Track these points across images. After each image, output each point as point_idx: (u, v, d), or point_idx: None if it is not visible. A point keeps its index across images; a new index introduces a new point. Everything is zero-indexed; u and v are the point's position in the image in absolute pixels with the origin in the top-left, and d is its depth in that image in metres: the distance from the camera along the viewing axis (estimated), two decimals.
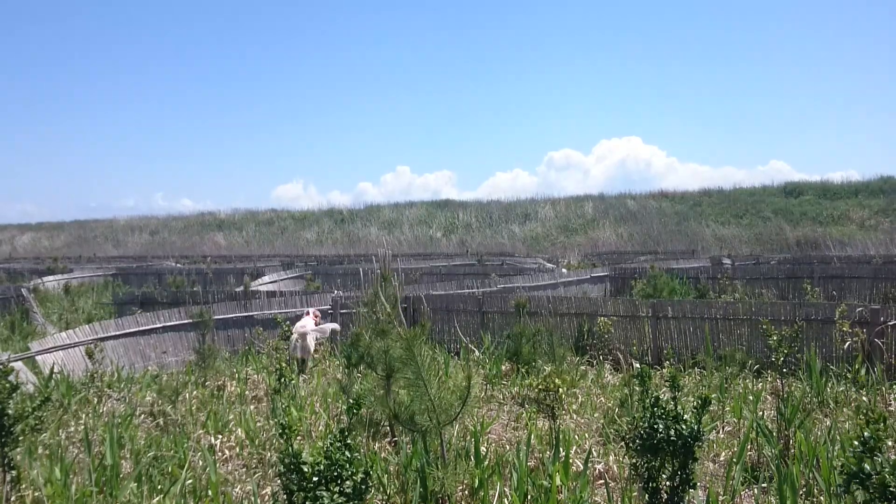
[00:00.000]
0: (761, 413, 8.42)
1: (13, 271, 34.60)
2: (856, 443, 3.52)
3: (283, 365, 7.72)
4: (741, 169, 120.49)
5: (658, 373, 11.26)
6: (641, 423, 4.78)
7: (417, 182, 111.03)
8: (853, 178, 53.65)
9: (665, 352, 12.11)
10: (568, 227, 55.99)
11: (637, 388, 4.90)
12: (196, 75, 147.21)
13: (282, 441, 4.49)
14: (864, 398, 8.89)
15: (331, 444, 4.40)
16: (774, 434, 6.98)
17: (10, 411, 5.66)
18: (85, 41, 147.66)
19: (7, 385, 5.71)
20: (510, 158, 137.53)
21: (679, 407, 4.82)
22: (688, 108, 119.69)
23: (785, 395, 7.51)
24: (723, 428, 8.15)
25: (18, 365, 10.46)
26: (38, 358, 10.83)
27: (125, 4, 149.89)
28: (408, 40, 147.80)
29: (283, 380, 7.18)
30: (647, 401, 4.82)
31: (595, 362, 11.99)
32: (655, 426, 4.68)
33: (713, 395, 8.86)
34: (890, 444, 6.45)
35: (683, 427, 4.64)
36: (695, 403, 4.78)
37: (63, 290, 24.69)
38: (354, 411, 4.58)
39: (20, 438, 5.82)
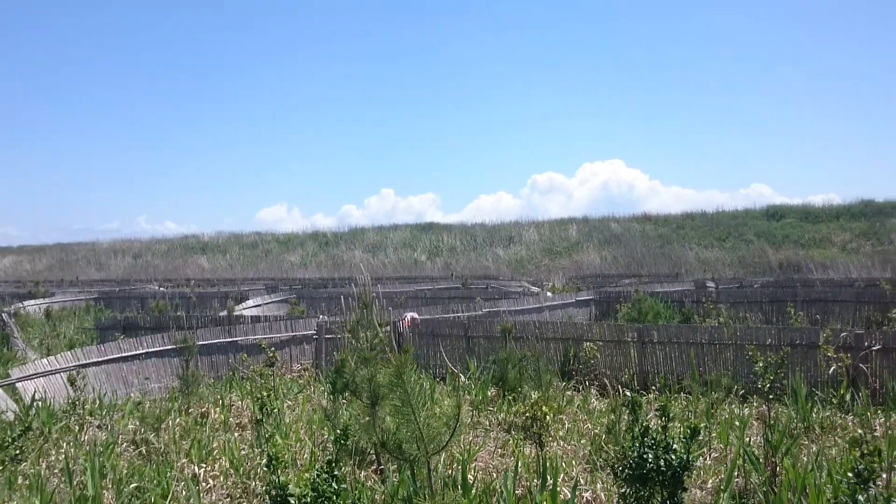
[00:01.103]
0: (748, 439, 8.41)
1: None
2: (850, 474, 3.52)
3: (265, 394, 7.62)
4: (724, 192, 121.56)
5: (644, 398, 11.27)
6: (630, 453, 4.76)
7: (401, 205, 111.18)
8: (834, 202, 54.31)
9: (651, 377, 12.12)
10: (552, 250, 56.13)
11: (627, 417, 4.87)
12: (180, 98, 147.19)
13: (267, 471, 4.44)
14: (858, 429, 8.88)
15: (318, 475, 4.35)
16: (761, 461, 6.97)
17: None
18: (67, 63, 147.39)
19: None
20: (494, 181, 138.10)
21: (668, 436, 4.81)
22: (670, 131, 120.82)
23: (771, 422, 7.50)
24: (709, 454, 8.13)
25: None
26: (19, 385, 10.67)
27: (109, 27, 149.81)
28: (391, 63, 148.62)
29: (265, 409, 7.08)
30: (637, 430, 4.80)
31: (581, 387, 11.97)
32: (645, 456, 4.67)
33: (701, 424, 8.87)
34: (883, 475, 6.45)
35: (673, 457, 4.63)
36: (683, 432, 4.77)
37: (44, 314, 24.42)
38: (342, 442, 4.53)
39: (0, 469, 5.72)
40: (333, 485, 4.29)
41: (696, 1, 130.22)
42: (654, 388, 11.76)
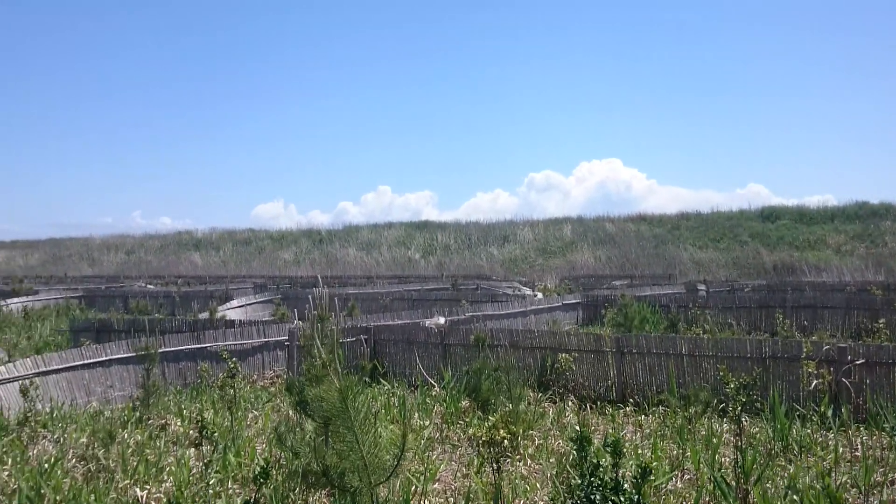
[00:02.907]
0: (724, 459, 8.08)
1: None
2: None
3: (204, 416, 7.26)
4: (720, 192, 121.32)
5: (621, 411, 10.94)
6: (578, 493, 4.41)
7: (398, 202, 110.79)
8: (830, 203, 53.99)
9: (630, 388, 11.77)
10: (546, 250, 55.80)
11: (575, 454, 4.52)
12: (176, 93, 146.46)
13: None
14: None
15: None
16: (734, 485, 6.63)
17: None
18: (62, 57, 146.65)
19: None
20: (491, 179, 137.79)
21: (621, 473, 4.45)
22: (669, 130, 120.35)
23: (744, 445, 7.17)
24: (682, 476, 7.79)
25: None
26: None
27: (106, 22, 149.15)
28: (389, 60, 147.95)
29: (205, 432, 6.72)
30: (585, 467, 4.45)
31: (558, 399, 11.62)
32: (592, 497, 4.31)
33: (675, 443, 8.51)
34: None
35: (622, 499, 4.27)
36: (635, 471, 4.42)
37: (23, 313, 24.01)
38: (262, 480, 4.17)
39: None
40: None
41: (693, 0, 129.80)
42: (632, 400, 11.41)
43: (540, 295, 27.58)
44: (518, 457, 8.27)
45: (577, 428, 4.97)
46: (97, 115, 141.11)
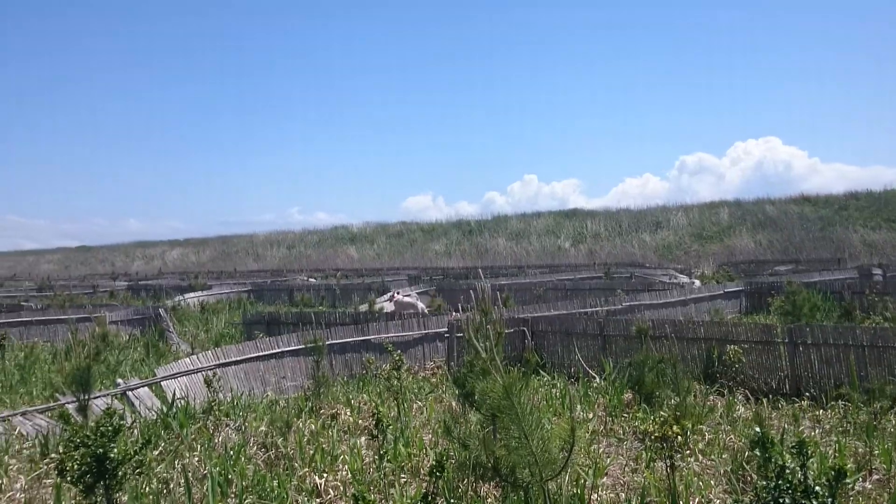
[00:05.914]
0: None
1: (159, 288, 36.60)
2: None
3: (381, 410, 7.50)
4: (892, 168, 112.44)
5: (797, 405, 10.38)
6: (764, 496, 4.21)
7: (545, 190, 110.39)
8: None
9: (804, 382, 11.14)
10: (702, 235, 53.82)
11: (758, 454, 4.32)
12: (327, 95, 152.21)
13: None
14: None
15: None
16: None
17: (112, 454, 5.67)
18: (217, 71, 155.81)
19: (109, 428, 5.73)
20: (640, 163, 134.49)
21: (810, 475, 4.21)
22: (831, 104, 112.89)
23: None
24: (870, 477, 7.30)
25: (143, 391, 10.84)
26: (164, 383, 11.15)
27: (253, 33, 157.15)
28: (534, 49, 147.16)
29: (381, 425, 6.96)
30: (771, 469, 4.24)
31: (725, 391, 11.18)
32: (781, 501, 4.11)
33: (856, 438, 7.97)
34: None
35: (815, 503, 4.05)
36: (826, 471, 4.18)
37: (199, 308, 25.75)
38: (438, 473, 4.26)
39: (123, 481, 5.84)
40: None
41: None
42: (807, 394, 10.80)
43: (698, 283, 26.64)
44: (688, 452, 8.02)
45: (754, 428, 4.75)
46: (257, 121, 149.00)
